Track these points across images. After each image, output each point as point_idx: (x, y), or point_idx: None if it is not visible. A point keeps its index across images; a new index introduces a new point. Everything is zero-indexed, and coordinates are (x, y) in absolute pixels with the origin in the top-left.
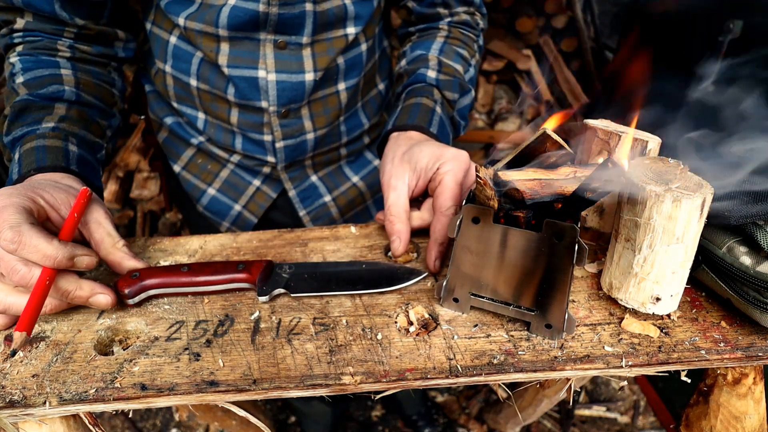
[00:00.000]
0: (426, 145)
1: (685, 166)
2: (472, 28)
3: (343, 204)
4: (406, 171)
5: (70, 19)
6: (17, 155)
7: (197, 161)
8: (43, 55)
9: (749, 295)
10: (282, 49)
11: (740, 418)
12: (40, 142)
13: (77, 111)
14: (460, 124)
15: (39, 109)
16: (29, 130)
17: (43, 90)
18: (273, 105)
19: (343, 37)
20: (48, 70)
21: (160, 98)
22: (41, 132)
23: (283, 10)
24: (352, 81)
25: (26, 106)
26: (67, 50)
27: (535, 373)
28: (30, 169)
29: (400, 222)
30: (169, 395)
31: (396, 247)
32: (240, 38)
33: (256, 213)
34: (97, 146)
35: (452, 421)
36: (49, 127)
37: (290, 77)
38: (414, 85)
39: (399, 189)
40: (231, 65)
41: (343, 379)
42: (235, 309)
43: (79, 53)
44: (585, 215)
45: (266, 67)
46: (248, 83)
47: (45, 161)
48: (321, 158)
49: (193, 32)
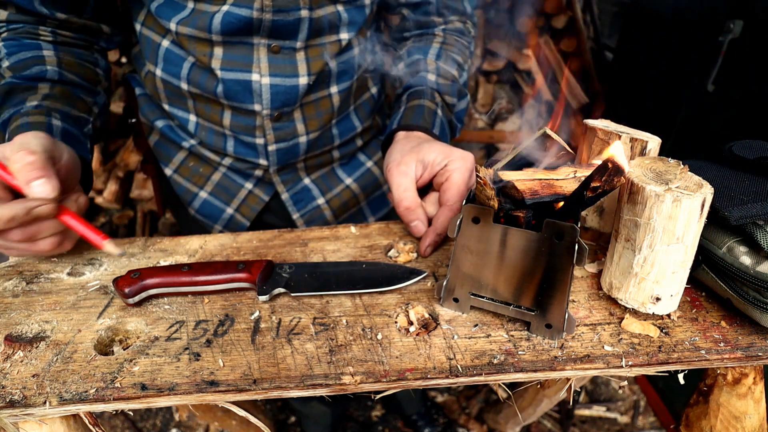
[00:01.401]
0: (435, 143)
1: (685, 166)
2: (465, 35)
3: (337, 206)
4: (413, 161)
5: (50, 15)
6: (7, 136)
7: (189, 164)
8: (26, 38)
9: (749, 295)
10: (276, 53)
11: (740, 418)
12: (24, 119)
13: (60, 89)
14: (456, 126)
15: (23, 90)
16: (14, 111)
17: (27, 72)
18: (266, 108)
19: (336, 42)
20: (31, 53)
21: (150, 101)
22: (25, 110)
23: (277, 17)
24: (345, 84)
25: (11, 88)
26: (49, 35)
27: (535, 373)
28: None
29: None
30: (169, 395)
31: (420, 230)
32: (234, 42)
33: (248, 216)
34: (83, 120)
35: (452, 421)
36: (32, 106)
37: (284, 81)
38: (415, 87)
39: (408, 175)
40: (224, 68)
41: (343, 379)
42: (235, 309)
43: (61, 38)
44: (585, 215)
45: (260, 71)
46: (241, 86)
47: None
48: (313, 161)
49: (185, 37)
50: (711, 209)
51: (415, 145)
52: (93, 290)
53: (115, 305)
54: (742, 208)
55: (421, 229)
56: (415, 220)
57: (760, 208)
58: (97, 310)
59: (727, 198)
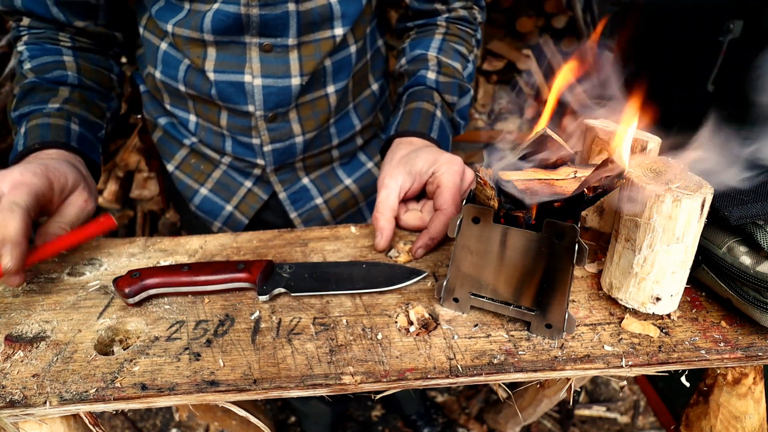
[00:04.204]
0: (424, 150)
1: (685, 166)
2: (470, 23)
3: (335, 206)
4: (401, 173)
5: (67, 22)
6: (23, 129)
7: (190, 161)
8: (47, 43)
9: (749, 295)
10: (268, 52)
11: (740, 418)
12: (45, 119)
13: (79, 94)
14: (459, 124)
15: (45, 90)
16: (36, 108)
17: (49, 74)
18: (260, 109)
19: (330, 38)
20: (52, 57)
21: (153, 99)
22: (47, 111)
23: (264, 11)
24: (341, 83)
25: (33, 87)
26: (68, 41)
27: (535, 373)
28: (34, 143)
29: (385, 219)
30: (170, 395)
31: (378, 242)
32: (226, 42)
33: (247, 214)
34: (97, 126)
35: (452, 421)
36: (54, 108)
37: (276, 82)
38: (414, 87)
39: (390, 188)
40: (217, 70)
41: (343, 379)
42: (235, 309)
43: (79, 43)
44: (585, 215)
45: (252, 72)
46: (235, 88)
47: (48, 137)
48: (312, 160)
49: (180, 39)
50: (711, 209)
51: (404, 154)
52: (93, 290)
53: (115, 305)
54: (742, 208)
55: (378, 241)
56: (377, 230)
57: (760, 208)
58: (98, 310)
59: (727, 198)
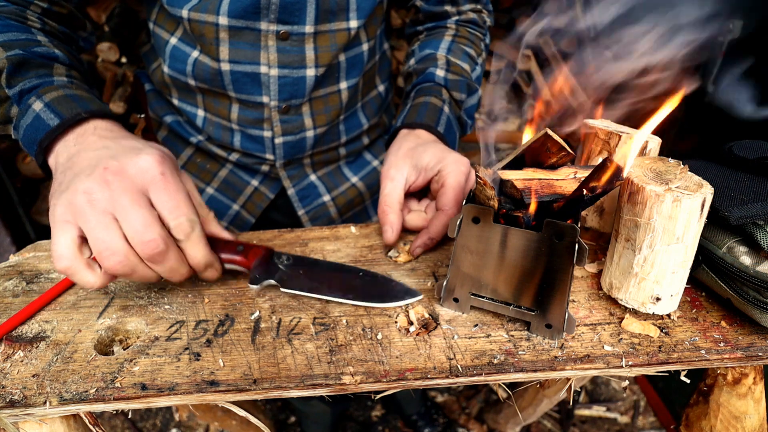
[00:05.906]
0: (431, 145)
1: (685, 166)
2: (479, 26)
3: (342, 204)
4: (406, 165)
5: None
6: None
7: (196, 160)
8: (12, 20)
9: (749, 295)
10: (284, 40)
11: (740, 418)
12: (68, 91)
13: (77, 72)
14: (467, 123)
15: (39, 66)
16: (41, 81)
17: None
18: (274, 100)
19: (345, 30)
20: (24, 35)
21: (160, 97)
22: (60, 82)
23: None
24: (353, 80)
25: (24, 60)
26: (36, 21)
27: (535, 373)
28: (79, 112)
29: (393, 212)
30: (170, 395)
31: (388, 237)
32: (241, 28)
33: (253, 213)
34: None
35: (452, 421)
36: (65, 81)
37: (291, 72)
38: (423, 84)
39: (396, 180)
40: (232, 60)
41: (343, 379)
42: (235, 309)
43: (48, 27)
44: (585, 215)
45: (268, 62)
46: (250, 78)
47: (90, 106)
48: (320, 157)
49: (197, 24)
50: (711, 209)
51: (411, 147)
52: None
53: (115, 305)
54: (742, 208)
55: (389, 236)
56: (386, 224)
57: (760, 208)
58: (97, 310)
59: (727, 198)
